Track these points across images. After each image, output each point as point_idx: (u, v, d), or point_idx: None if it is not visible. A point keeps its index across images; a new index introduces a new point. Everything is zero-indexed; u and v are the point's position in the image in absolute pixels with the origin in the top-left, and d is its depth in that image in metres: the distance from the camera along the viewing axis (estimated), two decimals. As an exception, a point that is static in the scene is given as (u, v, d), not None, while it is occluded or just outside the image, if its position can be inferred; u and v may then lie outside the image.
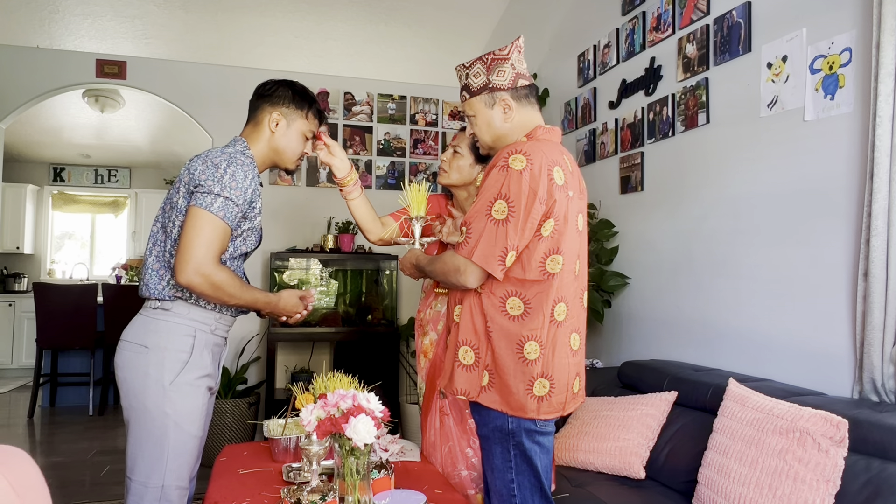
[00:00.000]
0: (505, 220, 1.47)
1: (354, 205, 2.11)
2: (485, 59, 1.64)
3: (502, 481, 1.54)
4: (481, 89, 1.65)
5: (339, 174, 2.06)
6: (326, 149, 2.01)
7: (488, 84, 1.64)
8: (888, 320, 1.80)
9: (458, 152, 2.09)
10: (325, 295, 4.54)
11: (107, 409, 5.23)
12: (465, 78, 1.68)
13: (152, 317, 1.69)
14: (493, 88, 1.63)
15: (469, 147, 2.07)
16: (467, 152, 2.08)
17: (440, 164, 2.15)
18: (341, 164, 2.04)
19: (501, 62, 1.63)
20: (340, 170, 2.05)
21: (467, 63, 1.68)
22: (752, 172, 2.36)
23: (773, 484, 1.65)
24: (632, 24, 3.13)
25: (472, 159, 2.08)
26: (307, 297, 1.86)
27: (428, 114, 4.79)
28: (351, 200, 2.10)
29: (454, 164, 2.10)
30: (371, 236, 2.17)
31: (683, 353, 2.71)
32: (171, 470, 1.65)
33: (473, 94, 1.66)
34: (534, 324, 1.50)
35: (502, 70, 1.63)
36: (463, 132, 2.11)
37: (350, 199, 2.10)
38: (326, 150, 2.01)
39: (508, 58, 1.63)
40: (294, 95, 1.83)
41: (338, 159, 2.03)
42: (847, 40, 1.99)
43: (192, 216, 1.60)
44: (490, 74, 1.63)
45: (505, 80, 1.63)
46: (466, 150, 2.08)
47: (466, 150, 2.08)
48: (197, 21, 4.73)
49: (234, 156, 1.69)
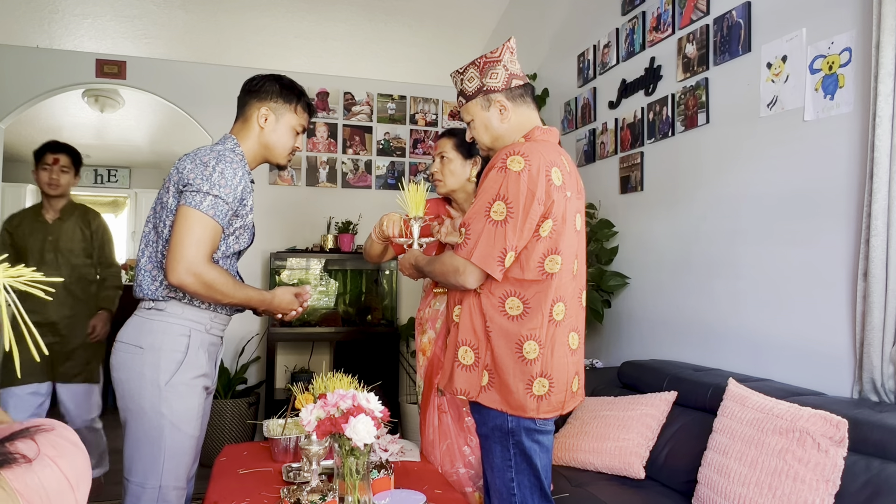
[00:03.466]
0: (503, 220, 1.48)
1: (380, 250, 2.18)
2: (477, 63, 1.66)
3: (502, 480, 1.55)
4: (476, 93, 1.66)
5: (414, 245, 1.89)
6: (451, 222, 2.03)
7: (482, 87, 1.65)
8: (888, 320, 1.80)
9: (445, 157, 2.10)
10: (325, 295, 4.54)
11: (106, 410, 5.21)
12: (461, 83, 1.69)
13: (147, 317, 1.69)
14: (487, 91, 1.65)
15: (454, 148, 2.08)
16: (454, 154, 2.09)
17: (433, 175, 2.15)
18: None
19: (494, 64, 1.64)
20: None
21: (461, 69, 1.69)
22: (752, 172, 2.36)
23: (772, 484, 1.65)
24: (632, 24, 3.13)
25: (460, 159, 2.09)
26: (302, 293, 1.85)
27: (428, 114, 4.79)
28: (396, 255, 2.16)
29: (446, 170, 2.11)
30: (373, 261, 2.25)
31: (683, 353, 2.70)
32: (169, 470, 1.64)
33: (469, 99, 1.68)
34: (533, 323, 1.51)
35: (495, 72, 1.64)
36: (443, 137, 2.14)
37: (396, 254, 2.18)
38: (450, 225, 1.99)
39: (500, 59, 1.64)
40: (282, 90, 1.82)
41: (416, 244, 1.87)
42: (847, 40, 1.99)
43: (182, 215, 1.59)
44: (483, 77, 1.65)
45: (498, 81, 1.64)
46: (453, 153, 2.09)
47: (453, 153, 2.09)
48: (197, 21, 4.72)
49: (223, 153, 1.68)
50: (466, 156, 2.08)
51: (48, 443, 0.66)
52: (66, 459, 0.66)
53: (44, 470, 0.63)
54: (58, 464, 0.64)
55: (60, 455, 0.65)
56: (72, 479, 0.65)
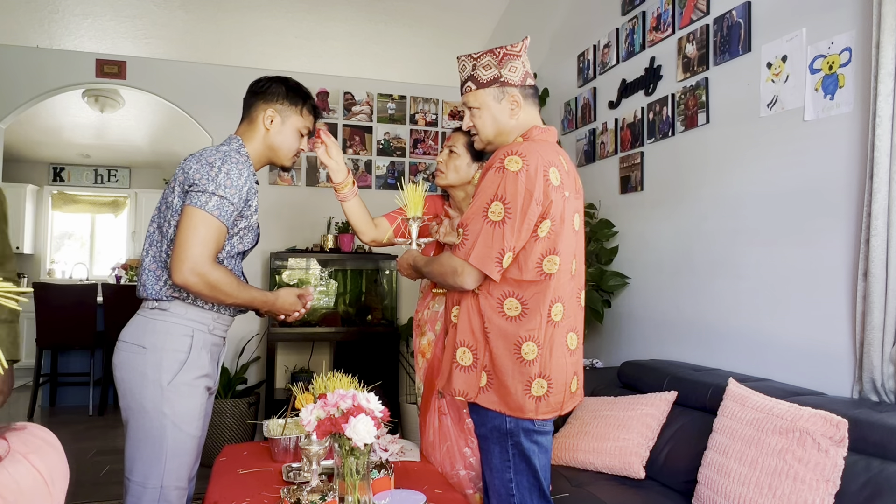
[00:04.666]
0: (501, 221, 1.47)
1: (348, 206, 2.12)
2: (496, 53, 1.62)
3: (501, 481, 1.55)
4: (492, 82, 1.63)
5: (335, 178, 2.06)
6: (324, 147, 2.01)
7: (500, 77, 1.62)
8: (888, 320, 1.80)
9: (454, 152, 2.09)
10: (325, 295, 4.54)
11: (106, 409, 5.22)
12: (473, 69, 1.65)
13: (150, 317, 1.69)
14: (504, 83, 1.62)
15: (465, 146, 2.07)
16: (464, 152, 2.08)
17: (437, 166, 2.15)
18: (337, 167, 2.04)
19: (513, 58, 1.62)
20: (337, 173, 2.05)
21: (475, 54, 1.66)
22: (752, 172, 2.36)
23: (772, 484, 1.65)
24: (632, 24, 3.13)
25: (468, 158, 2.08)
26: (305, 295, 1.86)
27: (428, 114, 4.79)
28: (345, 202, 2.10)
29: (451, 164, 2.10)
30: (364, 237, 2.18)
31: (683, 353, 2.70)
32: (170, 470, 1.64)
33: (481, 86, 1.64)
34: (531, 324, 1.50)
35: (514, 66, 1.62)
36: (458, 132, 2.10)
37: (344, 202, 2.10)
38: (324, 150, 2.01)
39: (520, 55, 1.63)
40: (288, 92, 1.82)
41: (334, 161, 2.02)
42: (847, 40, 1.99)
43: (187, 215, 1.59)
44: (502, 69, 1.62)
45: (516, 76, 1.63)
46: (463, 150, 2.08)
47: (463, 150, 2.08)
48: (197, 21, 4.72)
49: (228, 154, 1.68)
50: (475, 157, 2.08)
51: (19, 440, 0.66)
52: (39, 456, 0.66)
53: (15, 465, 0.63)
54: (30, 460, 0.65)
55: (32, 451, 0.66)
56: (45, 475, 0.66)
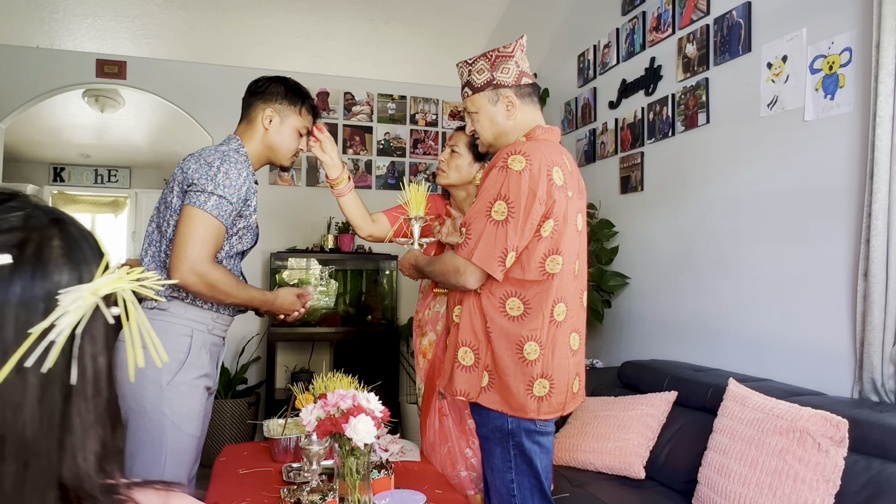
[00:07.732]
0: (504, 220, 1.47)
1: (344, 202, 2.12)
2: (489, 56, 1.64)
3: (502, 481, 1.54)
4: (485, 85, 1.64)
5: (330, 174, 2.06)
6: (318, 145, 2.01)
7: (492, 80, 1.63)
8: (888, 320, 1.80)
9: (456, 151, 2.09)
10: (325, 295, 4.54)
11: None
12: (468, 74, 1.67)
13: (149, 317, 1.68)
14: (497, 85, 1.63)
15: (467, 146, 2.07)
16: (465, 151, 2.08)
17: (438, 165, 2.15)
18: (332, 164, 2.04)
19: (506, 59, 1.63)
20: (332, 169, 2.05)
21: (470, 59, 1.67)
22: (752, 172, 2.36)
23: (773, 484, 1.65)
24: (632, 24, 3.13)
25: (470, 158, 2.08)
26: (305, 294, 1.86)
27: (428, 114, 4.79)
28: (341, 198, 2.11)
29: (453, 163, 2.10)
30: (361, 232, 2.18)
31: (683, 353, 2.70)
32: (170, 471, 1.64)
33: (476, 91, 1.65)
34: (533, 324, 1.50)
35: (506, 67, 1.63)
36: (460, 131, 2.10)
37: (340, 197, 2.11)
38: (319, 147, 2.01)
39: (513, 55, 1.63)
40: (287, 91, 1.82)
41: (328, 157, 2.02)
42: (847, 40, 1.99)
43: (186, 215, 1.60)
44: (494, 71, 1.63)
45: (509, 77, 1.63)
46: (464, 149, 2.08)
47: (464, 149, 2.08)
48: (197, 21, 4.72)
49: (227, 154, 1.68)
50: (476, 157, 2.07)
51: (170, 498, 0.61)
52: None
53: None
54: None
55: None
56: None
